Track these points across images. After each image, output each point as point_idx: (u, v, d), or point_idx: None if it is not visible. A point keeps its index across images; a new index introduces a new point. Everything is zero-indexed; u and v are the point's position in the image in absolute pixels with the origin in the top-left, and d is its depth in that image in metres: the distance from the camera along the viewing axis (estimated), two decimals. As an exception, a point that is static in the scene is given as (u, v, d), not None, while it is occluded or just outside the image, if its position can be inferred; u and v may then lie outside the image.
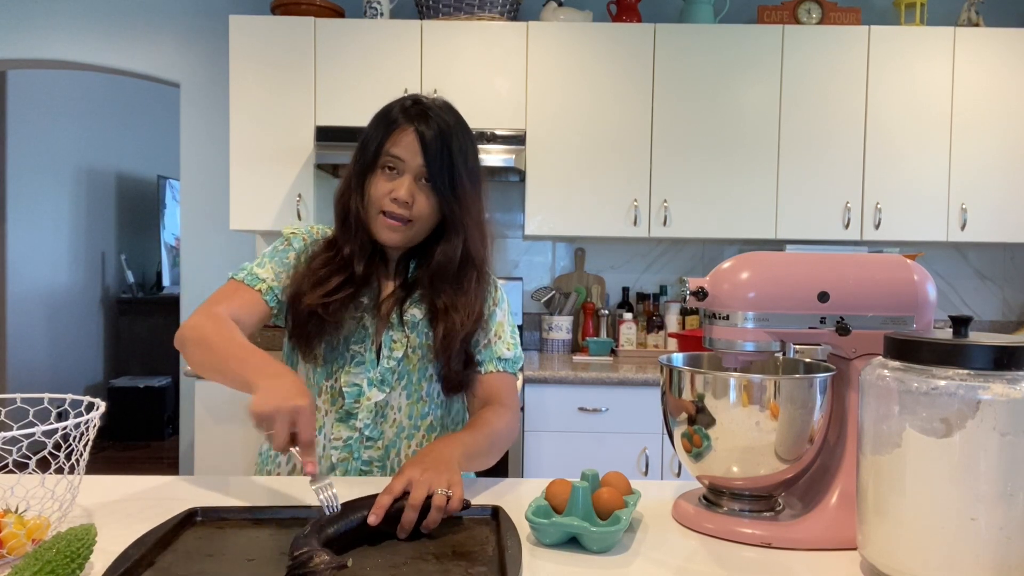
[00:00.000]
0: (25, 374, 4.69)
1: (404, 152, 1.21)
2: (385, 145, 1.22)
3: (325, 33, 2.95)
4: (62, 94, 5.02)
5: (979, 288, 3.41)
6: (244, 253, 3.39)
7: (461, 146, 1.24)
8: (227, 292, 1.25)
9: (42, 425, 0.85)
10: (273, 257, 1.29)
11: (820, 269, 1.00)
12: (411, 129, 1.21)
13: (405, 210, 1.22)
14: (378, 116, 1.27)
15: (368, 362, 1.27)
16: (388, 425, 1.28)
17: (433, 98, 1.28)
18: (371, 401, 1.26)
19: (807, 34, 2.97)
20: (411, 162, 1.21)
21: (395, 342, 1.28)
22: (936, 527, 0.76)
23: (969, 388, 0.75)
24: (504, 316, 1.37)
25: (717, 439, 0.96)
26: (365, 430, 1.26)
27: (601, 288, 3.37)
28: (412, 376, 1.29)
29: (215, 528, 0.96)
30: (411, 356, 1.28)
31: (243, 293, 1.25)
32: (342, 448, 1.26)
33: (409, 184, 1.21)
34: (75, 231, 5.22)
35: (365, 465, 1.27)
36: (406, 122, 1.22)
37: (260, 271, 1.27)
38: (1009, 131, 2.98)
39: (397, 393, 1.28)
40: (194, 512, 0.99)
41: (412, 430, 1.30)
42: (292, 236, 1.33)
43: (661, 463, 2.71)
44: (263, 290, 1.25)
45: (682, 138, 2.98)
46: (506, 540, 0.89)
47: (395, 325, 1.28)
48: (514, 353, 1.35)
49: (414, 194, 1.22)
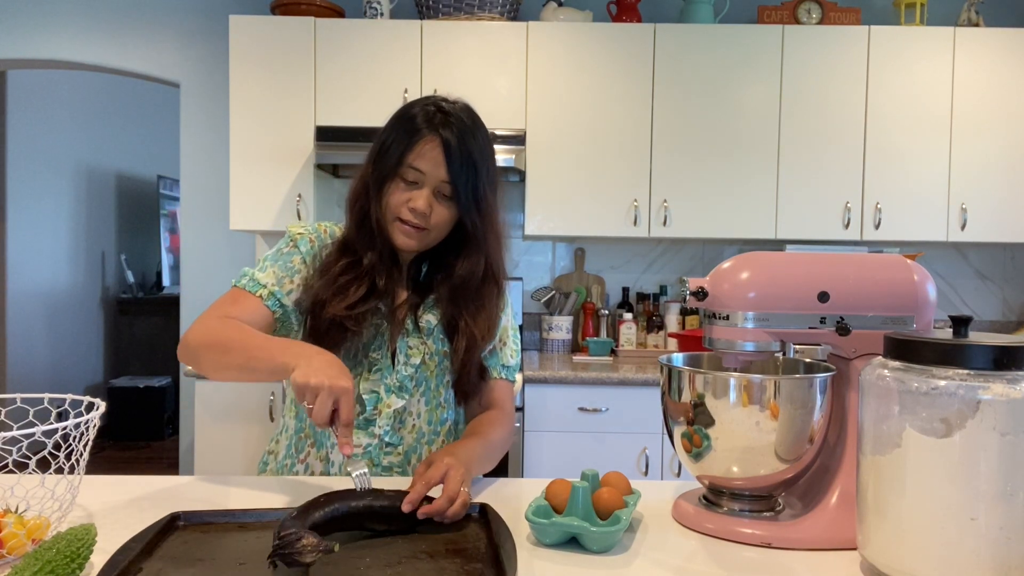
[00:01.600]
0: (25, 374, 4.69)
1: (426, 165, 1.19)
2: (407, 157, 1.19)
3: (325, 33, 2.95)
4: (62, 94, 5.02)
5: (979, 288, 3.41)
6: (244, 253, 3.39)
7: (483, 153, 1.22)
8: (228, 300, 1.22)
9: (42, 425, 0.85)
10: (276, 260, 1.26)
11: (820, 269, 1.00)
12: (436, 142, 1.18)
13: (423, 220, 1.20)
14: (400, 119, 1.24)
15: (384, 368, 1.26)
16: (407, 431, 1.28)
17: (453, 101, 1.24)
18: (390, 408, 1.25)
19: (807, 34, 2.97)
20: (432, 174, 1.19)
21: (411, 348, 1.27)
22: (936, 527, 0.76)
23: (969, 388, 0.75)
24: (509, 321, 1.37)
25: (717, 439, 0.96)
26: (385, 436, 1.26)
27: (601, 288, 3.37)
28: (431, 382, 1.29)
29: (199, 533, 0.94)
30: (429, 363, 1.28)
31: (244, 300, 1.22)
32: (362, 455, 1.26)
33: (428, 196, 1.20)
34: (75, 231, 5.22)
35: (385, 471, 1.27)
36: (430, 132, 1.19)
37: (261, 276, 1.24)
38: (1009, 131, 2.98)
39: (416, 399, 1.28)
40: (176, 516, 0.97)
41: (432, 435, 1.30)
42: (299, 237, 1.29)
43: (661, 463, 2.71)
44: (264, 296, 1.22)
45: (682, 138, 2.98)
46: (499, 537, 0.89)
47: (411, 331, 1.27)
48: (516, 360, 1.37)
49: (432, 205, 1.20)
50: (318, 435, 1.30)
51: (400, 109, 1.25)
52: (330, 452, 1.28)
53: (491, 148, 1.26)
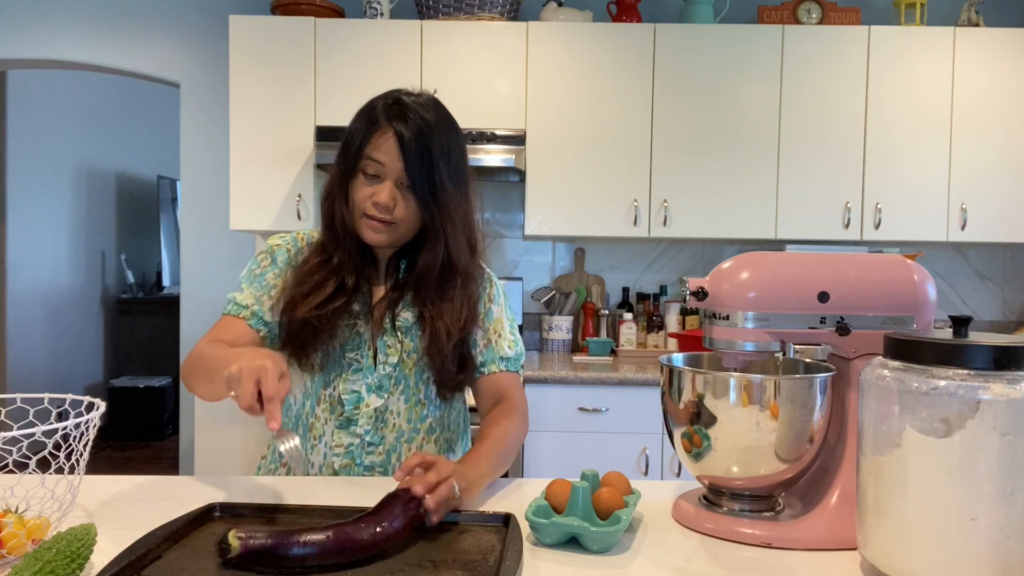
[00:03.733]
0: (25, 374, 4.69)
1: (384, 156, 1.19)
2: (366, 149, 1.20)
3: (325, 33, 2.95)
4: (62, 94, 5.02)
5: (979, 288, 3.41)
6: (244, 253, 3.39)
7: (443, 147, 1.20)
8: (218, 327, 1.27)
9: (42, 425, 0.85)
10: (252, 282, 1.29)
11: (820, 269, 1.00)
12: (390, 132, 1.18)
13: (387, 214, 1.20)
14: (361, 114, 1.24)
15: (365, 368, 1.27)
16: (388, 430, 1.28)
17: (417, 94, 1.24)
18: (370, 408, 1.26)
19: (807, 34, 2.97)
20: (391, 166, 1.19)
21: (389, 347, 1.27)
22: (936, 527, 0.76)
23: (969, 388, 0.75)
24: (502, 312, 1.36)
25: (717, 439, 0.96)
26: (366, 436, 1.27)
27: (601, 288, 3.37)
28: (409, 380, 1.29)
29: (231, 525, 0.92)
30: (407, 360, 1.28)
31: (231, 324, 1.26)
32: (344, 455, 1.27)
33: (390, 189, 1.19)
34: (75, 231, 5.22)
35: (367, 471, 1.28)
36: (386, 124, 1.19)
37: (240, 298, 1.28)
38: (1009, 131, 2.98)
39: (395, 398, 1.28)
40: (212, 508, 0.98)
41: (412, 433, 1.30)
42: (276, 249, 1.31)
43: (661, 463, 2.71)
44: (247, 316, 1.26)
45: (682, 138, 2.98)
46: (508, 551, 0.86)
47: (388, 330, 1.27)
48: (516, 351, 1.35)
49: (396, 198, 1.20)
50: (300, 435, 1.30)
51: (365, 104, 1.25)
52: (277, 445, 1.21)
53: (455, 137, 1.24)
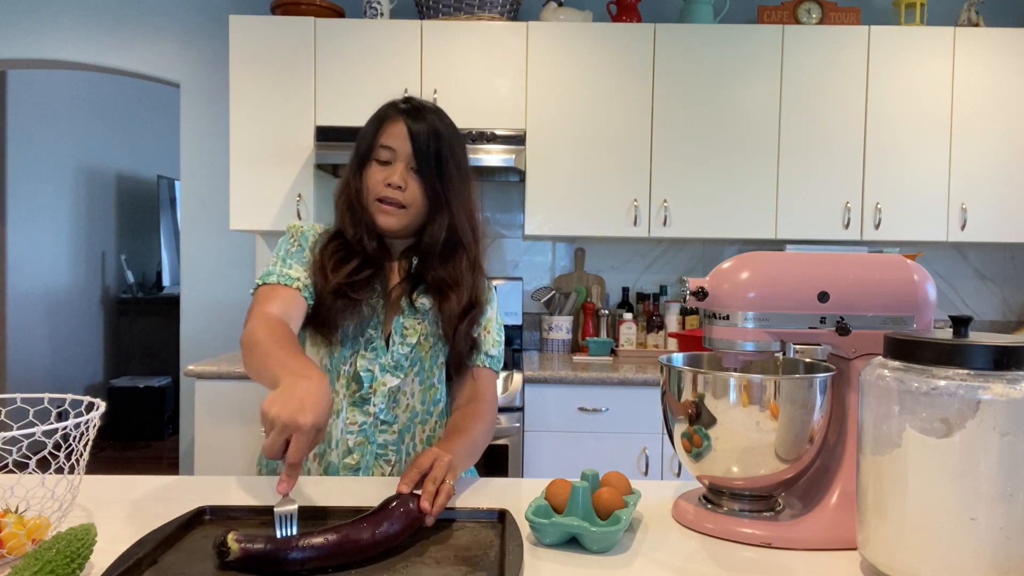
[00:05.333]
0: (25, 374, 4.69)
1: (394, 141, 1.28)
2: (378, 138, 1.30)
3: (325, 33, 2.95)
4: (62, 94, 5.02)
5: (979, 288, 3.41)
6: (244, 253, 3.39)
7: (449, 143, 1.30)
8: (267, 296, 1.23)
9: (42, 425, 0.85)
10: (297, 258, 1.31)
11: (820, 269, 1.00)
12: (401, 121, 1.29)
13: (399, 194, 1.27)
14: (374, 115, 1.34)
15: (379, 348, 1.31)
16: (401, 410, 1.32)
17: (426, 100, 1.35)
18: (385, 387, 1.30)
19: (807, 34, 2.97)
20: (401, 150, 1.28)
21: (407, 328, 1.32)
22: (936, 527, 0.76)
23: (969, 388, 0.75)
24: (494, 315, 1.42)
25: (717, 439, 0.96)
26: (380, 415, 1.31)
27: (601, 288, 3.37)
28: (424, 363, 1.34)
29: (223, 528, 0.93)
30: (423, 343, 1.33)
31: (283, 293, 1.25)
32: (358, 432, 1.30)
33: (402, 170, 1.28)
34: (75, 231, 5.22)
35: (380, 448, 1.31)
36: (396, 115, 1.30)
37: (291, 271, 1.28)
38: (1009, 131, 2.98)
39: (410, 379, 1.33)
40: (203, 511, 0.98)
41: (425, 415, 1.35)
42: (301, 232, 1.35)
43: (661, 463, 2.71)
44: (300, 287, 1.26)
45: (682, 138, 2.98)
46: (508, 545, 0.88)
47: (406, 312, 1.32)
48: (499, 351, 1.42)
49: (407, 179, 1.28)
50: None
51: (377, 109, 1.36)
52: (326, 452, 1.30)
53: (459, 142, 1.34)
